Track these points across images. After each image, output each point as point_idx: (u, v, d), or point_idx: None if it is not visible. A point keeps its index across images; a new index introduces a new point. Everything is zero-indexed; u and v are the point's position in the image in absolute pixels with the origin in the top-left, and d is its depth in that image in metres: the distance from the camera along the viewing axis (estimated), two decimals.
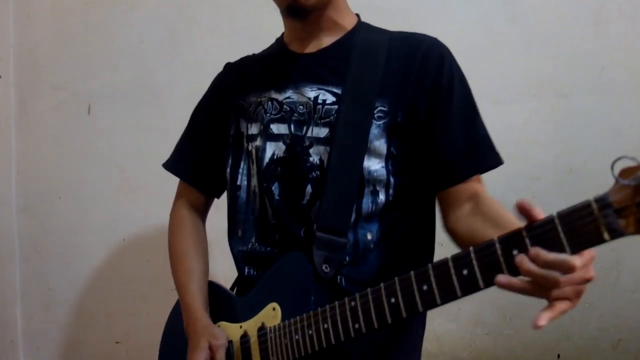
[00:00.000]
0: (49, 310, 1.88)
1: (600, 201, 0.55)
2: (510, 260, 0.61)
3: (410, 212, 0.94)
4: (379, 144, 0.90)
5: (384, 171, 0.90)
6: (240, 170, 1.00)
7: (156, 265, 1.72)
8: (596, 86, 1.42)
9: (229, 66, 1.11)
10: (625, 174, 0.54)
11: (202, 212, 1.14)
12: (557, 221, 0.58)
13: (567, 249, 0.57)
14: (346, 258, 0.89)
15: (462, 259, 0.65)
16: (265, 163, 0.95)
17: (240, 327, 0.93)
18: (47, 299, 1.88)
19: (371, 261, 0.90)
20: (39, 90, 1.87)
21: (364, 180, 0.89)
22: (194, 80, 1.22)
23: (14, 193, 1.90)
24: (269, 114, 0.96)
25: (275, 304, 0.88)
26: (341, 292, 0.83)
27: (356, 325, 0.75)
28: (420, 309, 0.69)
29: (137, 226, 1.77)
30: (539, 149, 1.46)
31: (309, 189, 0.91)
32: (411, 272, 0.70)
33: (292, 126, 0.94)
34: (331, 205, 0.88)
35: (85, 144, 1.82)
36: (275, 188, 0.94)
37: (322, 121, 0.92)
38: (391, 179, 0.90)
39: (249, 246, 0.98)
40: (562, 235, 0.57)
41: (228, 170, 1.02)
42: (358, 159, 0.89)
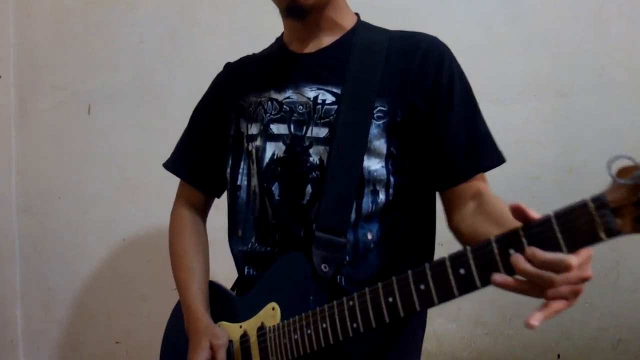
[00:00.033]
0: (49, 310, 1.88)
1: (597, 200, 0.55)
2: (507, 260, 0.61)
3: (411, 212, 0.94)
4: (379, 144, 0.89)
5: (383, 171, 0.90)
6: (240, 170, 1.00)
7: (156, 265, 1.72)
8: (596, 86, 1.42)
9: (229, 66, 1.11)
10: (622, 173, 0.54)
11: (203, 212, 1.14)
12: (554, 220, 0.58)
13: (564, 248, 0.57)
14: (346, 258, 0.89)
15: (459, 258, 0.65)
16: (265, 163, 0.95)
17: (240, 327, 0.93)
18: (47, 299, 1.88)
19: (371, 261, 0.90)
20: (39, 90, 1.87)
21: (364, 180, 0.89)
22: (194, 80, 1.22)
23: (14, 193, 1.90)
24: (268, 114, 0.96)
25: (274, 304, 0.88)
26: (341, 292, 0.83)
27: (354, 325, 0.75)
28: (418, 308, 0.69)
29: (137, 226, 1.77)
30: (539, 149, 1.46)
31: (309, 189, 0.91)
32: (409, 272, 0.70)
33: (292, 126, 0.94)
34: (330, 205, 0.88)
35: (85, 144, 1.82)
36: (275, 188, 0.94)
37: (322, 121, 0.91)
38: (391, 179, 0.90)
39: (249, 246, 0.98)
40: (559, 234, 0.57)
41: (228, 171, 1.02)
42: (358, 158, 0.88)
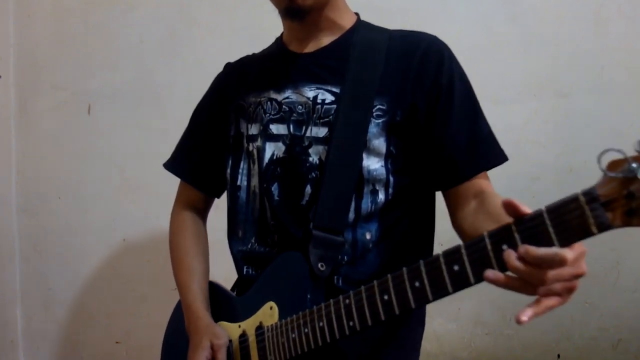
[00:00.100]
0: (49, 310, 1.88)
1: (588, 194, 0.55)
2: (500, 256, 0.60)
3: (410, 212, 0.94)
4: (378, 143, 0.89)
5: (383, 170, 0.89)
6: (240, 170, 1.00)
7: (156, 265, 1.72)
8: (596, 86, 1.42)
9: (229, 66, 1.11)
10: (612, 166, 0.54)
11: (203, 212, 1.14)
12: (546, 215, 0.58)
13: (556, 242, 0.57)
14: (344, 257, 0.89)
15: (453, 254, 0.65)
16: (265, 163, 0.94)
17: (239, 327, 0.93)
18: (47, 299, 1.88)
19: (370, 261, 0.90)
20: (39, 90, 1.87)
21: (364, 179, 0.89)
22: (194, 80, 1.22)
23: (14, 193, 1.90)
24: (268, 114, 0.96)
25: (272, 303, 0.88)
26: (338, 291, 0.83)
27: (351, 323, 0.75)
28: (413, 305, 0.69)
29: (137, 226, 1.77)
30: (539, 149, 1.46)
31: (308, 189, 0.91)
32: (404, 269, 0.70)
33: (291, 126, 0.94)
34: (328, 203, 0.88)
35: (85, 144, 1.82)
36: (274, 188, 0.94)
37: (321, 121, 0.91)
38: (391, 178, 0.90)
39: (248, 246, 0.98)
40: (551, 229, 0.57)
41: (228, 171, 1.02)
42: (357, 158, 0.88)
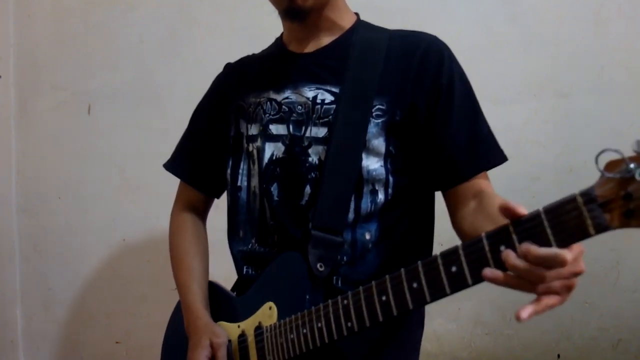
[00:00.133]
0: (49, 310, 1.88)
1: (585, 195, 0.54)
2: (498, 256, 0.60)
3: (410, 212, 0.94)
4: (378, 143, 0.89)
5: (382, 170, 0.89)
6: (240, 170, 1.00)
7: (156, 265, 1.72)
8: (596, 86, 1.42)
9: (229, 66, 1.11)
10: (610, 167, 0.54)
11: (203, 213, 1.14)
12: (543, 216, 0.57)
13: (554, 243, 0.57)
14: (344, 258, 0.89)
15: (451, 255, 0.65)
16: (264, 164, 0.94)
17: (238, 327, 0.93)
18: (47, 299, 1.88)
19: (370, 261, 0.90)
20: (39, 90, 1.87)
21: (363, 179, 0.89)
22: (194, 80, 1.22)
23: (14, 193, 1.90)
24: (267, 115, 0.96)
25: (271, 304, 0.88)
26: (337, 292, 0.83)
27: (349, 324, 0.75)
28: (411, 306, 0.69)
29: (137, 226, 1.77)
30: (539, 149, 1.45)
31: (308, 189, 0.91)
32: (402, 270, 0.70)
33: (291, 126, 0.93)
34: (328, 203, 0.88)
35: (85, 144, 1.82)
36: (274, 189, 0.94)
37: (321, 121, 0.91)
38: (390, 178, 0.90)
39: (249, 246, 0.98)
40: (548, 230, 0.57)
41: (228, 171, 1.02)
42: (356, 158, 0.88)
